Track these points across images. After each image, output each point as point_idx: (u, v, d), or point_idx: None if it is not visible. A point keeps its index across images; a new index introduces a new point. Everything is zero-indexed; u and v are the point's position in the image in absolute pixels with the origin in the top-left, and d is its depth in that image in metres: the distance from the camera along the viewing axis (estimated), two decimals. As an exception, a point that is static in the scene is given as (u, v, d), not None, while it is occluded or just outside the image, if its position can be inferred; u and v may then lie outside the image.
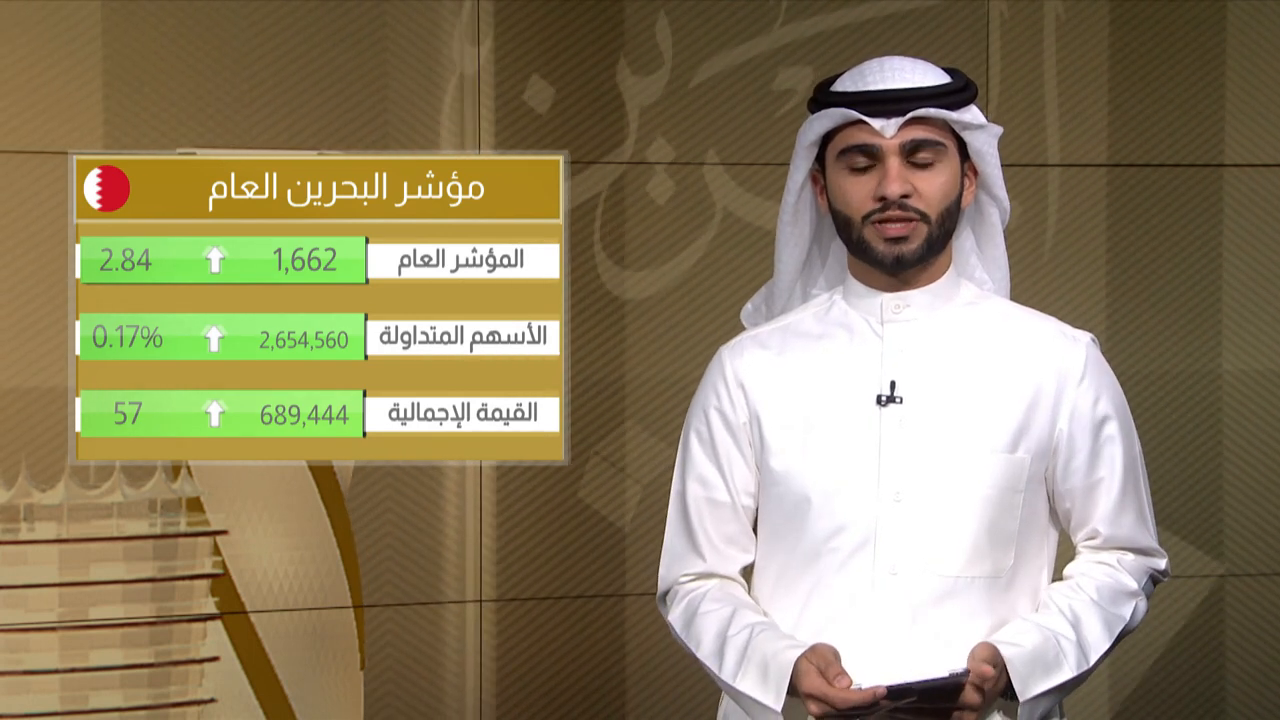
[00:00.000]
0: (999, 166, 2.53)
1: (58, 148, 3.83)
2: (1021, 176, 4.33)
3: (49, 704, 3.68)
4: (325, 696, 3.89)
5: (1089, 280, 4.41)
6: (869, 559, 2.44)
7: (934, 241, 2.47)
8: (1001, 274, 2.60)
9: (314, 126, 4.01)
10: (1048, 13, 4.39)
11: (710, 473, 2.55)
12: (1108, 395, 2.51)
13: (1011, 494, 2.46)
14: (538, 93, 4.14)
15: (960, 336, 2.50)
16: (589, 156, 4.17)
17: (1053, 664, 2.42)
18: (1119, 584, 2.51)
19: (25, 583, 3.68)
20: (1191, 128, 4.45)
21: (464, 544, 4.13)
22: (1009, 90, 4.37)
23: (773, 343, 2.55)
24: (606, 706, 4.25)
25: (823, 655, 2.37)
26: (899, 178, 2.43)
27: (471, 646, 4.16)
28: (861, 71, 2.49)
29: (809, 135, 2.50)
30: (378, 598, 4.07)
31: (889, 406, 2.46)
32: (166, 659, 3.76)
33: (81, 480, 3.70)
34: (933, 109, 2.45)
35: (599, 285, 4.19)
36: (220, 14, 3.95)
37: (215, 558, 3.80)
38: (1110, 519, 2.51)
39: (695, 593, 2.54)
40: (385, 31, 4.06)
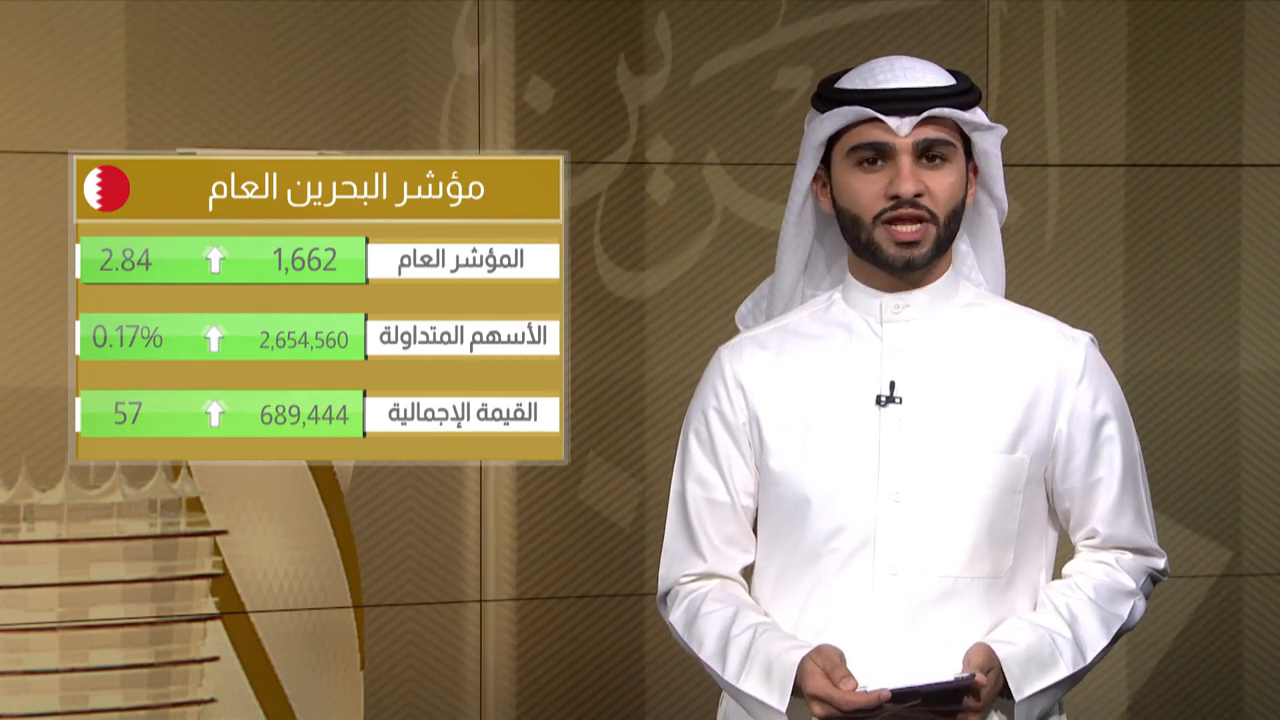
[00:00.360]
0: (1001, 167, 2.53)
1: (58, 148, 3.83)
2: (1022, 177, 4.33)
3: (49, 704, 3.68)
4: (325, 696, 3.89)
5: (1104, 280, 4.40)
6: (869, 559, 2.44)
7: (941, 243, 2.47)
8: (998, 274, 2.60)
9: (314, 126, 4.01)
10: (1048, 13, 4.38)
11: (710, 473, 2.54)
12: (1107, 395, 2.51)
13: (1011, 494, 2.46)
14: (538, 93, 4.14)
15: (959, 337, 2.50)
16: (589, 156, 4.17)
17: (1048, 662, 2.42)
18: (1117, 583, 2.51)
19: (25, 583, 3.68)
20: (1208, 127, 4.45)
21: (464, 543, 4.13)
22: (1009, 90, 4.36)
23: (772, 343, 2.55)
24: (624, 707, 4.24)
25: (828, 657, 2.37)
26: (912, 176, 2.43)
27: (472, 646, 4.16)
28: (871, 69, 2.48)
29: (819, 133, 2.48)
30: (380, 597, 4.07)
31: (888, 407, 2.46)
32: (166, 659, 3.76)
33: (81, 480, 3.69)
34: (946, 109, 2.45)
35: (599, 285, 4.19)
36: (220, 14, 3.95)
37: (215, 558, 3.80)
38: (1109, 519, 2.51)
39: (696, 593, 2.53)
40: (385, 31, 4.06)
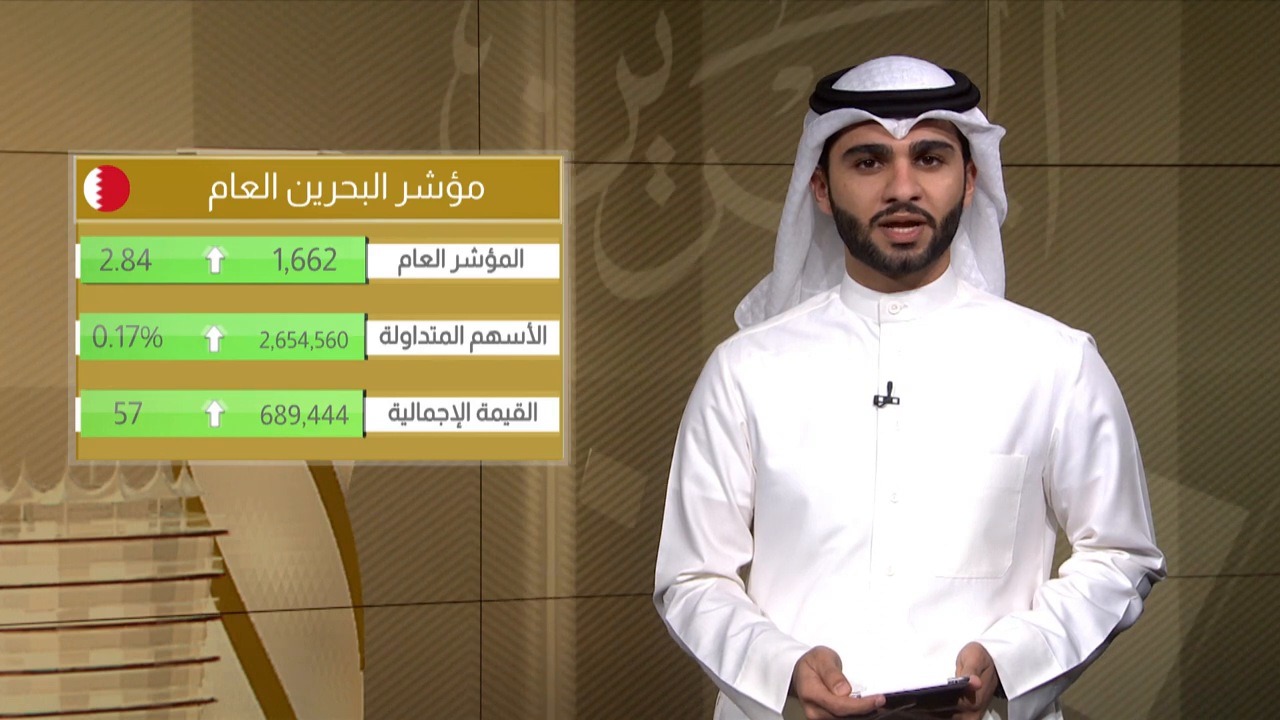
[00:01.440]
0: (1000, 168, 2.53)
1: (58, 148, 3.83)
2: (1022, 177, 4.33)
3: (49, 704, 3.69)
4: (325, 696, 3.89)
5: (1104, 280, 4.39)
6: (866, 560, 2.44)
7: (938, 244, 2.46)
8: (997, 274, 2.60)
9: (314, 126, 4.01)
10: (1048, 13, 4.38)
11: (707, 472, 2.54)
12: (1104, 395, 2.51)
13: (1009, 494, 2.46)
14: (538, 93, 4.14)
15: (957, 337, 2.50)
16: (589, 156, 4.17)
17: (1041, 661, 2.42)
18: (1112, 582, 2.51)
19: (25, 583, 3.68)
20: (1208, 126, 4.45)
21: (465, 544, 4.13)
22: (1009, 90, 4.36)
23: (770, 342, 2.55)
24: (624, 706, 4.24)
25: (823, 660, 2.37)
26: (909, 179, 2.42)
27: (472, 646, 4.16)
28: (869, 70, 2.48)
29: (816, 135, 2.48)
30: (380, 597, 4.07)
31: (886, 408, 2.46)
32: (166, 659, 3.76)
33: (81, 480, 3.70)
34: (944, 110, 2.44)
35: (599, 285, 4.19)
36: (220, 14, 3.95)
37: (215, 558, 3.80)
38: (1105, 518, 2.51)
39: (693, 592, 2.53)
40: (385, 31, 4.06)
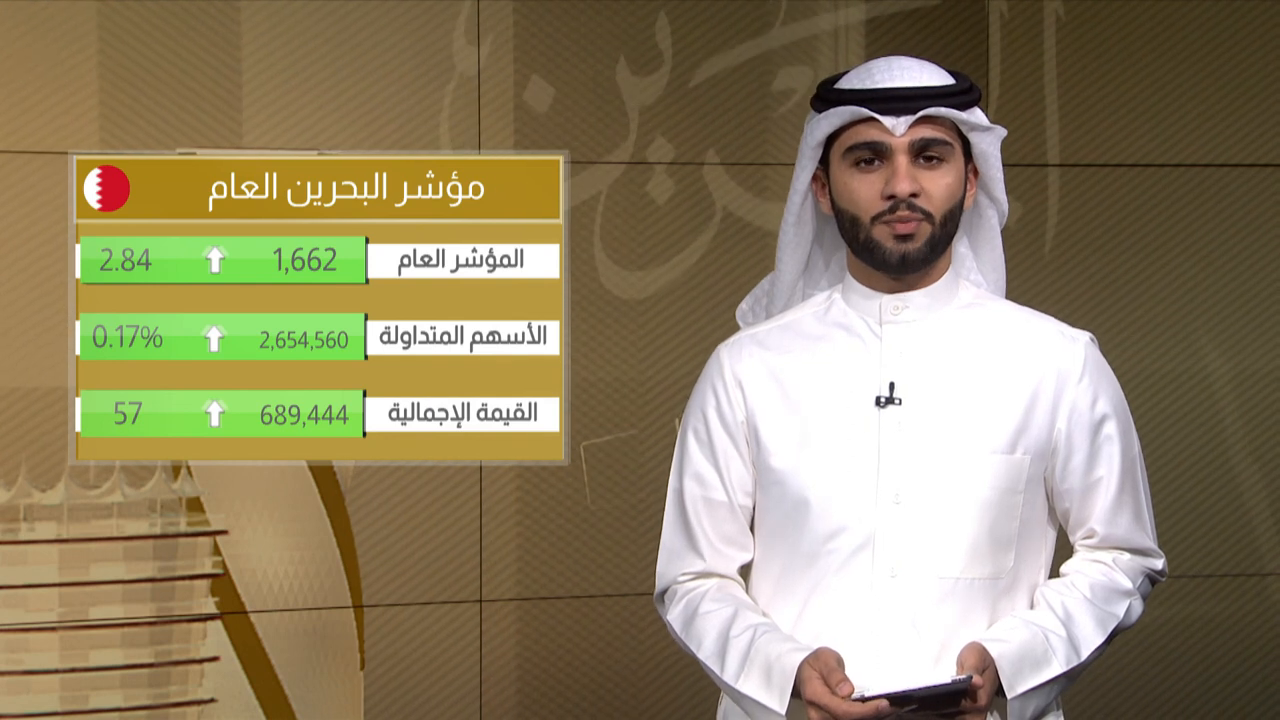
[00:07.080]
0: (1000, 168, 2.53)
1: (58, 148, 3.83)
2: (1022, 177, 4.33)
3: (49, 704, 3.68)
4: (325, 696, 3.89)
5: (1104, 280, 4.39)
6: (868, 561, 2.43)
7: (937, 242, 2.46)
8: (998, 275, 2.60)
9: (314, 126, 4.01)
10: (1047, 13, 4.38)
11: (707, 471, 2.54)
12: (1106, 395, 2.51)
13: (1011, 495, 2.45)
14: (538, 93, 4.14)
15: (959, 338, 2.50)
16: (589, 156, 4.17)
17: (1041, 660, 2.42)
18: (1113, 582, 2.50)
19: (25, 583, 3.68)
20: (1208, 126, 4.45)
21: (465, 543, 4.13)
22: (1009, 90, 4.36)
23: (771, 342, 2.54)
24: (624, 706, 4.24)
25: (826, 662, 2.36)
26: (908, 176, 2.42)
27: (472, 646, 4.16)
28: (869, 69, 2.48)
29: (817, 134, 2.48)
30: (380, 597, 4.07)
31: (888, 408, 2.46)
32: (166, 659, 3.76)
33: (81, 480, 3.70)
34: (943, 108, 2.44)
35: (599, 285, 4.19)
36: (220, 14, 3.95)
37: (215, 558, 3.80)
38: (1107, 518, 2.51)
39: (694, 592, 2.53)
40: (385, 31, 4.06)
